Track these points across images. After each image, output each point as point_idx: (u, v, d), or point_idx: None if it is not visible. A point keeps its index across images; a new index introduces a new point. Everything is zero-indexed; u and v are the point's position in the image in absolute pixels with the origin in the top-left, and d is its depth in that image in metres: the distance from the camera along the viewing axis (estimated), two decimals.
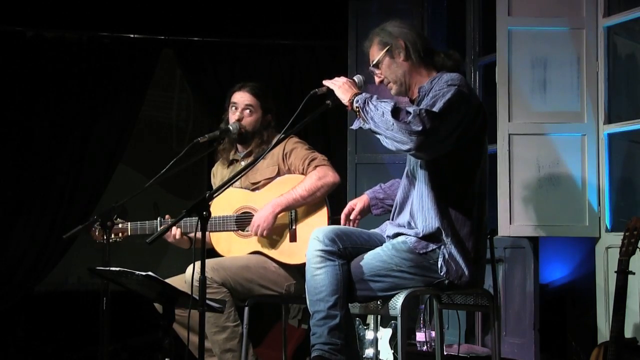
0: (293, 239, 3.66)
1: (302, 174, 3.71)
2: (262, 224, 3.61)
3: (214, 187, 3.97)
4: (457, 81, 2.96)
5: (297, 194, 3.62)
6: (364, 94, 2.96)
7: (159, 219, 3.74)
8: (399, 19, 3.19)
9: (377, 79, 3.15)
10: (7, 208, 5.57)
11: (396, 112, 2.80)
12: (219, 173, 4.00)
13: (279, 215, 3.65)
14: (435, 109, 2.83)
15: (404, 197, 3.13)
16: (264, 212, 3.62)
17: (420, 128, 2.76)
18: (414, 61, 3.09)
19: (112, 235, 3.70)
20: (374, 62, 3.13)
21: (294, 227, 3.67)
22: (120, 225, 3.75)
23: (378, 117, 2.84)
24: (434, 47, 3.18)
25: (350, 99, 2.97)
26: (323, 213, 3.67)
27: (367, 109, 2.89)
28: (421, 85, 3.10)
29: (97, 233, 3.79)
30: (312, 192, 3.63)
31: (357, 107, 2.93)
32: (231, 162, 3.92)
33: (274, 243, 3.68)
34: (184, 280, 3.54)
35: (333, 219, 3.67)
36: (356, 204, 3.39)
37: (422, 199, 3.02)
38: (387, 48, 3.09)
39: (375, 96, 2.92)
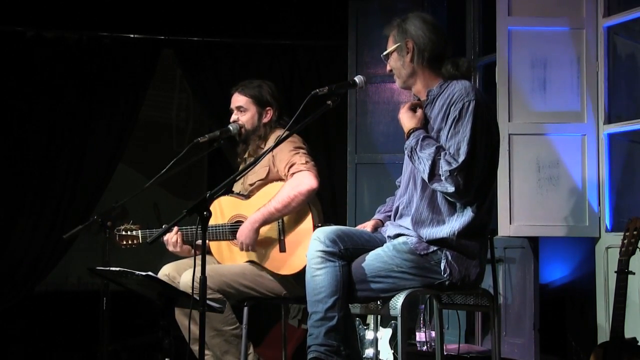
0: (282, 249, 3.65)
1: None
2: (244, 240, 3.59)
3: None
4: (472, 93, 2.97)
5: (271, 208, 3.59)
6: (413, 136, 3.01)
7: (164, 226, 3.74)
8: (425, 15, 3.18)
9: (388, 67, 3.18)
10: (7, 208, 5.57)
11: (432, 173, 2.92)
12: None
13: (268, 226, 3.64)
14: (462, 156, 2.89)
15: (409, 202, 3.11)
16: (244, 229, 3.60)
17: (453, 190, 2.90)
18: (419, 65, 3.09)
19: (127, 242, 3.71)
20: (385, 53, 3.15)
21: (282, 238, 3.66)
22: (133, 232, 3.74)
23: (421, 171, 2.98)
24: (448, 52, 3.14)
25: (406, 134, 3.06)
26: (308, 220, 3.64)
27: (414, 158, 3.00)
28: (430, 89, 3.10)
29: (117, 239, 3.75)
30: (285, 203, 3.58)
31: (406, 153, 3.06)
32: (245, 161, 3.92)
33: (265, 254, 3.67)
34: (179, 267, 3.55)
35: (319, 226, 3.62)
36: (366, 225, 3.33)
37: (431, 211, 3.02)
38: (398, 45, 3.10)
39: (419, 142, 2.98)
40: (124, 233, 3.72)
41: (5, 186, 5.58)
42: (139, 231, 3.75)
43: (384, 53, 3.16)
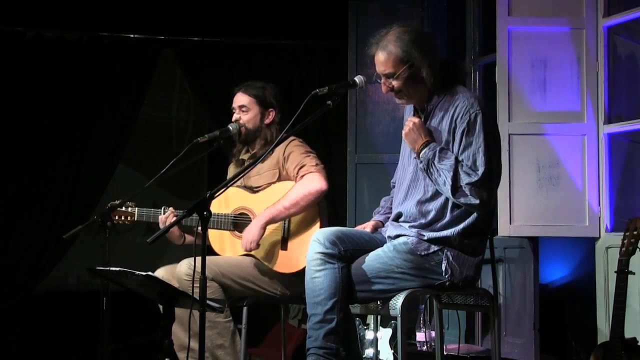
0: (284, 247, 3.65)
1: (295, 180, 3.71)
2: (250, 238, 3.57)
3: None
4: (477, 104, 2.97)
5: (280, 207, 3.59)
6: (429, 148, 2.98)
7: (162, 208, 3.73)
8: (418, 28, 3.15)
9: (384, 87, 3.06)
10: (7, 208, 5.58)
11: (454, 186, 2.92)
12: (231, 173, 3.99)
13: (274, 224, 3.64)
14: (481, 168, 2.91)
15: (419, 213, 3.08)
16: (252, 228, 3.58)
17: (478, 202, 2.92)
18: (422, 83, 3.03)
19: (122, 218, 3.70)
20: (391, 74, 3.02)
21: (285, 236, 3.66)
22: (129, 209, 3.73)
23: (441, 183, 2.96)
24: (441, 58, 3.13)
25: (418, 150, 3.02)
26: (316, 223, 3.64)
27: (431, 170, 2.98)
28: (429, 101, 3.08)
29: (115, 217, 3.71)
30: (294, 203, 3.58)
31: (421, 166, 3.02)
32: (241, 162, 3.91)
33: (266, 250, 3.66)
34: (175, 271, 3.54)
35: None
36: (366, 226, 3.31)
37: (438, 213, 3.02)
38: (410, 64, 3.00)
39: (437, 154, 2.96)
40: (121, 208, 3.70)
41: (5, 186, 5.58)
42: (136, 208, 3.74)
43: (390, 73, 3.02)
